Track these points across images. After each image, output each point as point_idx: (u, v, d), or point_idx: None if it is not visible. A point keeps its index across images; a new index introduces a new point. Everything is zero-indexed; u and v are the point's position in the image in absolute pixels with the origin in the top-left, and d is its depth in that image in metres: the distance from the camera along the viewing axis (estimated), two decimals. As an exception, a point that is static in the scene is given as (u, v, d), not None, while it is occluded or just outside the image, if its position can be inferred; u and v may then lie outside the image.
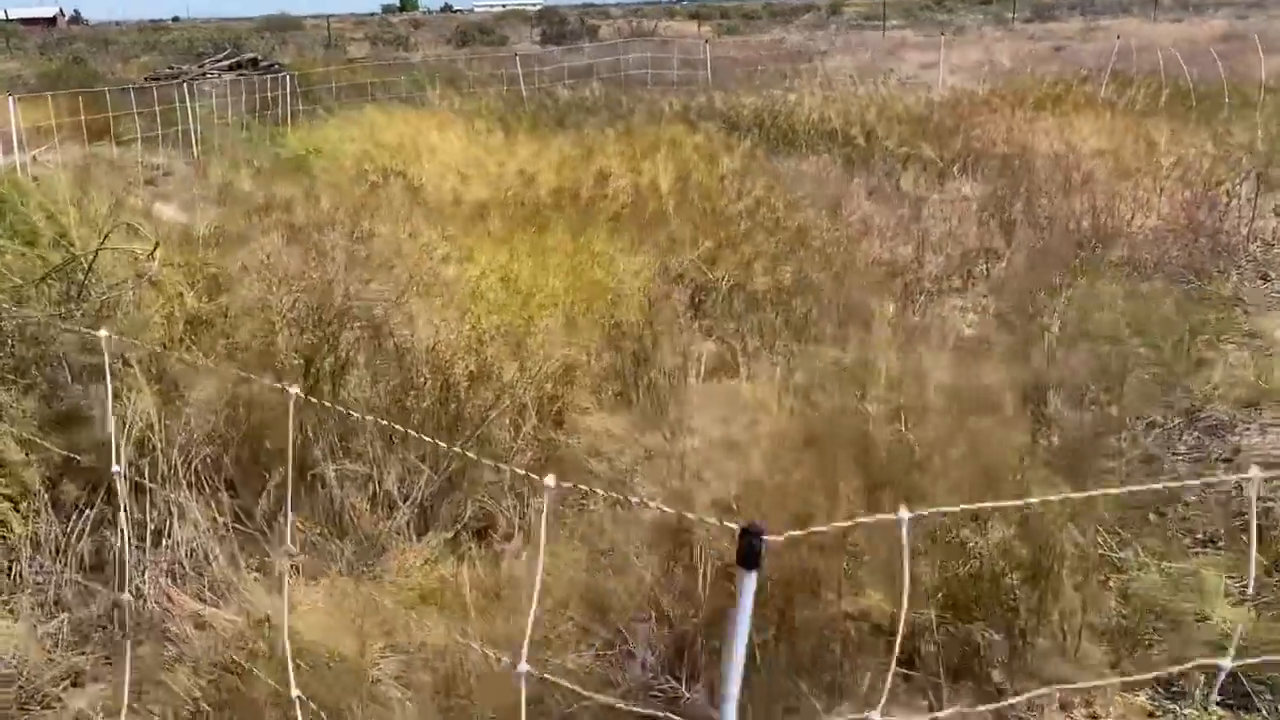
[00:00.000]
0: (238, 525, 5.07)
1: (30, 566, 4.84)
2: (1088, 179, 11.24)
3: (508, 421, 5.29)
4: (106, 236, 5.02)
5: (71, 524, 4.98)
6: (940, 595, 3.87)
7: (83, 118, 11.96)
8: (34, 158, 10.47)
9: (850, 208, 9.85)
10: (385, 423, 4.49)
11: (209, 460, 5.17)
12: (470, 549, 5.07)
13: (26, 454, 5.11)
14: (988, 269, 8.70)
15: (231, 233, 6.26)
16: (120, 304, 5.05)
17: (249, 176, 8.90)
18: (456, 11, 70.95)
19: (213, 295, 5.04)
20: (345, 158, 10.13)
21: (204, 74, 32.27)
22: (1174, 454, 5.99)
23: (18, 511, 5.01)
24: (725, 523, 2.16)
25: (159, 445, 4.90)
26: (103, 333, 3.94)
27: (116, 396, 5.08)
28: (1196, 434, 6.25)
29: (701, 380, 5.92)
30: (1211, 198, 10.63)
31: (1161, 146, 12.08)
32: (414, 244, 5.83)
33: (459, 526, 5.14)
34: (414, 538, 5.05)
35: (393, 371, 4.96)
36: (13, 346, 5.11)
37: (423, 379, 4.96)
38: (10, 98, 10.54)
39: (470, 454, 4.25)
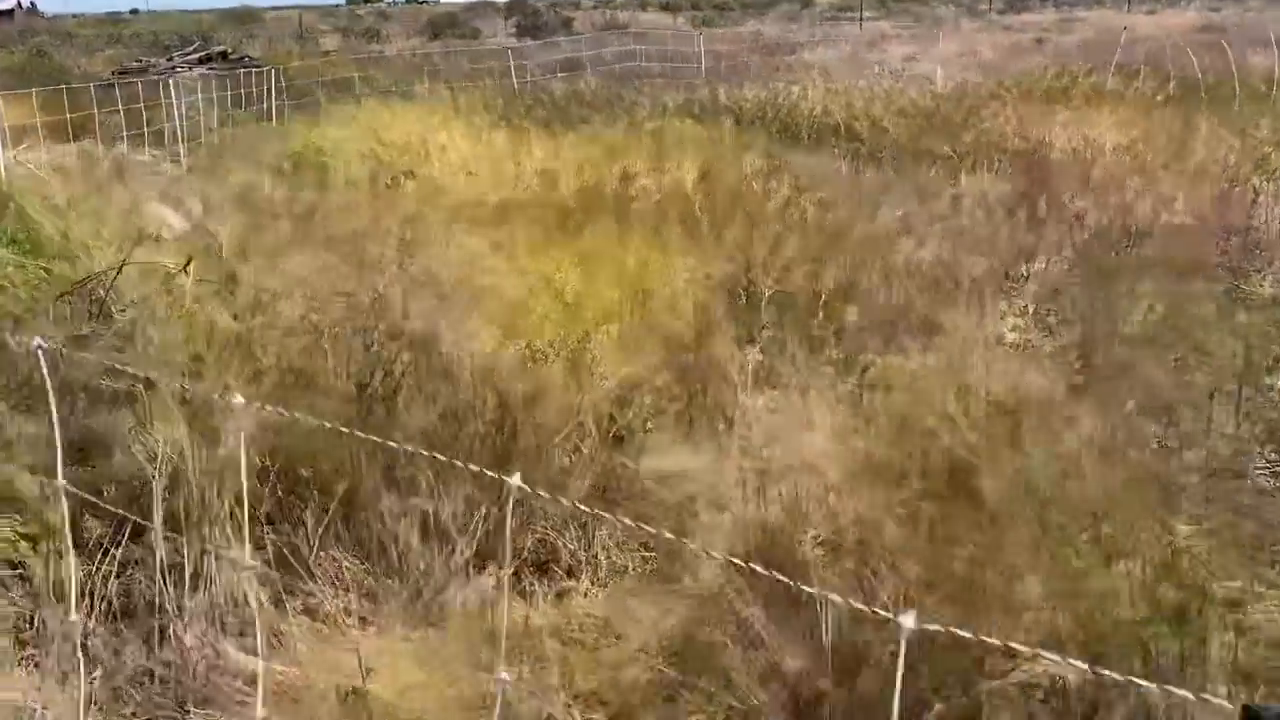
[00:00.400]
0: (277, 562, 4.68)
1: (55, 615, 4.41)
2: (1110, 175, 11.00)
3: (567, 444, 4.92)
4: (131, 249, 4.58)
5: (96, 566, 4.56)
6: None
7: (66, 115, 11.40)
8: (15, 157, 9.93)
9: (874, 205, 9.53)
10: (442, 457, 4.10)
11: (244, 493, 4.77)
12: (532, 585, 4.70)
13: (45, 490, 4.68)
14: (1027, 271, 8.41)
15: (264, 243, 5.81)
16: (145, 322, 4.62)
17: (265, 180, 8.42)
18: (423, 3, 69.98)
19: (251, 313, 4.62)
20: (351, 157, 9.67)
21: (173, 68, 31.54)
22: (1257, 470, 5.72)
23: (37, 553, 4.57)
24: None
25: (193, 478, 4.49)
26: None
27: (142, 425, 4.67)
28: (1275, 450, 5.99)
29: (759, 394, 5.59)
30: (1239, 193, 10.42)
31: (1182, 141, 11.88)
32: (457, 252, 5.44)
33: (518, 561, 4.77)
34: (470, 573, 4.68)
35: (447, 393, 4.57)
36: (28, 373, 4.67)
37: (480, 401, 4.57)
38: (-9, 93, 9.98)
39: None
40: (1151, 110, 13.46)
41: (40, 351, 4.74)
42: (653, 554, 4.71)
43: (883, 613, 3.03)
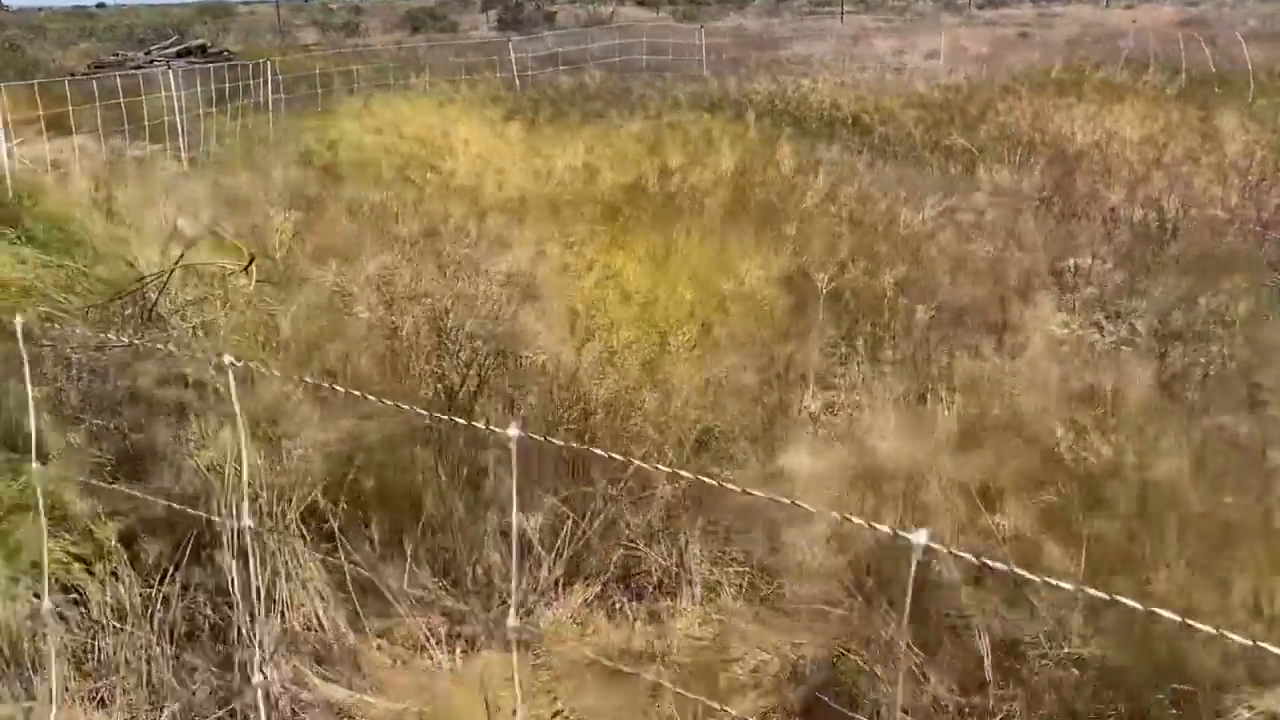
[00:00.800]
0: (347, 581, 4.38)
1: (117, 642, 4.10)
2: (1136, 168, 10.85)
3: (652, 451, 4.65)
4: (185, 250, 4.26)
5: (157, 588, 4.24)
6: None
7: (70, 109, 10.95)
8: (10, 152, 9.50)
9: (907, 200, 9.32)
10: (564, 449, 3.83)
11: (311, 506, 4.47)
12: (621, 604, 4.43)
13: (98, 505, 4.36)
14: (1074, 266, 8.21)
15: (322, 242, 5.48)
16: (203, 326, 4.30)
17: (294, 175, 8.05)
18: (398, -4, 69.30)
19: (322, 315, 4.31)
20: (373, 152, 9.31)
21: (151, 61, 30.92)
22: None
23: (93, 575, 4.25)
24: None
25: (262, 492, 4.18)
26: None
27: (207, 436, 4.35)
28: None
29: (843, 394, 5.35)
30: (1267, 187, 10.30)
31: (1204, 134, 11.75)
32: (521, 249, 5.15)
33: (606, 577, 4.49)
34: (556, 591, 4.40)
35: (534, 399, 4.29)
36: (79, 380, 4.35)
37: (567, 407, 4.29)
38: (-2, 87, 9.53)
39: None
40: (1166, 103, 13.34)
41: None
42: (748, 569, 4.45)
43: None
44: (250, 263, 4.44)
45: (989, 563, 2.13)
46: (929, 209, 8.73)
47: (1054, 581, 2.04)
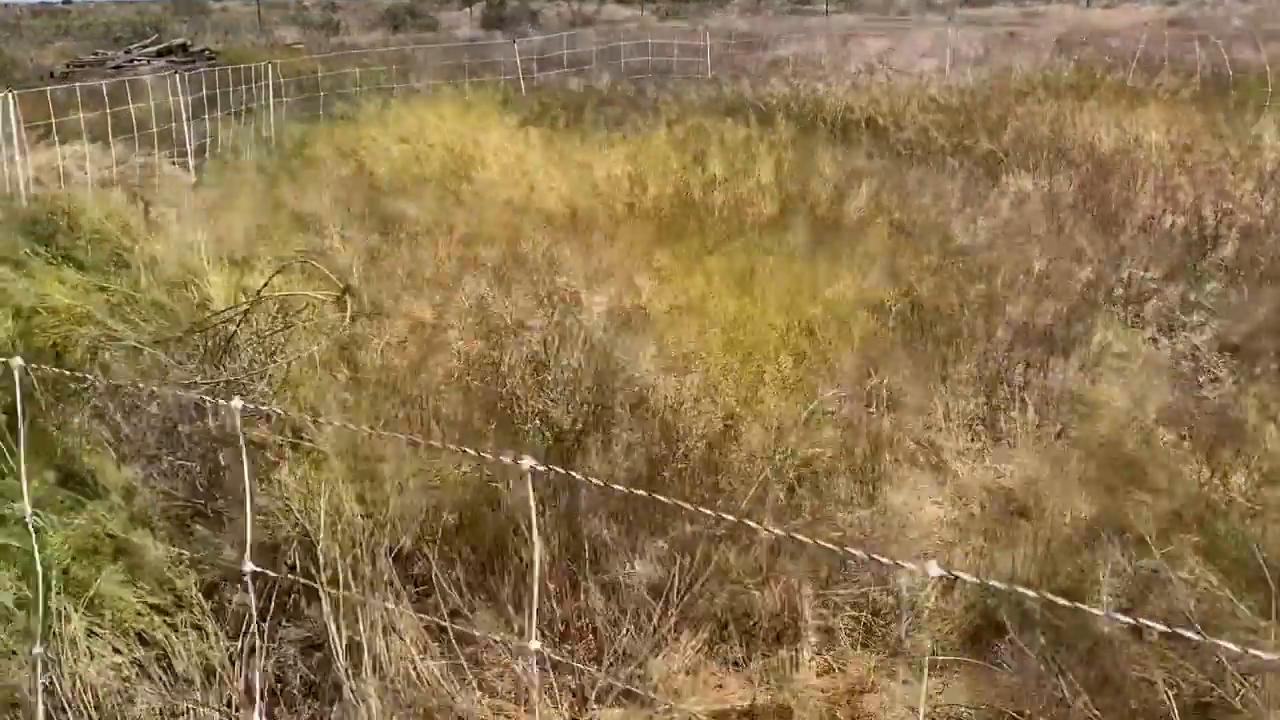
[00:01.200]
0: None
1: (207, 700, 3.83)
2: (1168, 173, 10.73)
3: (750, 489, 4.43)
4: (274, 276, 3.98)
5: (243, 640, 3.98)
6: None
7: (81, 116, 10.58)
8: (32, 169, 9.15)
9: (948, 208, 9.15)
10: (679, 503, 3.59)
11: (401, 549, 4.22)
12: (734, 650, 4.20)
13: (177, 553, 4.08)
14: (1128, 278, 8.06)
15: (400, 269, 5.19)
16: (284, 361, 4.04)
17: (343, 188, 7.72)
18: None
19: (416, 349, 4.05)
20: (404, 161, 9.00)
21: (131, 61, 30.38)
22: None
23: (173, 629, 3.98)
24: None
25: (359, 540, 3.93)
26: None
27: (303, 483, 4.09)
28: None
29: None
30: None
31: (1234, 138, 11.66)
32: (607, 274, 4.91)
33: (715, 623, 4.27)
34: (665, 638, 4.16)
35: (634, 437, 4.06)
36: (155, 421, 4.07)
37: (675, 445, 4.07)
38: (9, 93, 9.11)
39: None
40: (1185, 107, 13.24)
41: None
42: (865, 614, 4.24)
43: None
44: (345, 292, 4.17)
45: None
46: (974, 217, 8.56)
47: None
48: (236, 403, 3.04)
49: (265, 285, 4.04)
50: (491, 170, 8.52)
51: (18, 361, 2.66)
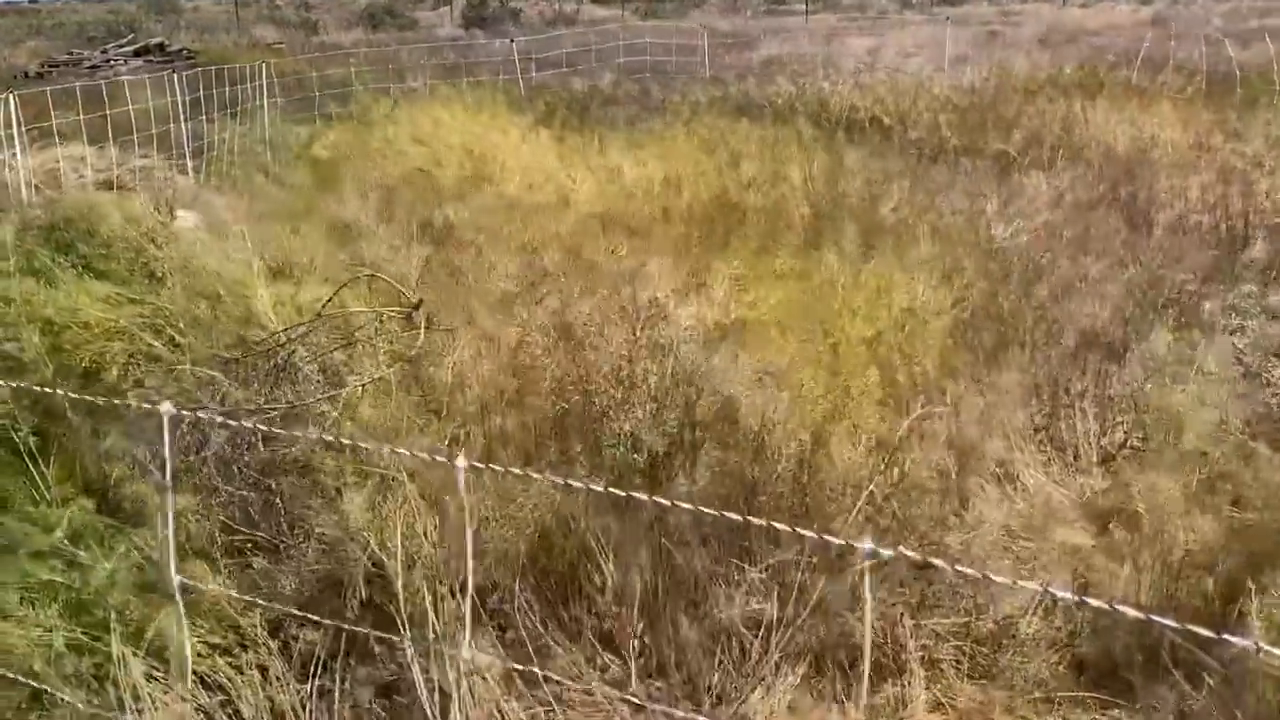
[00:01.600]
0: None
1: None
2: (1189, 173, 10.61)
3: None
4: (339, 290, 3.71)
5: (312, 683, 3.70)
6: None
7: (92, 116, 10.19)
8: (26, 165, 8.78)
9: (976, 208, 8.98)
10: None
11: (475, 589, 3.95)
12: (834, 685, 3.96)
13: (241, 591, 3.80)
14: (1170, 280, 7.90)
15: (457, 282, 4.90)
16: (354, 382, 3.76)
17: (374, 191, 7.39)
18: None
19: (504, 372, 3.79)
20: (424, 164, 8.69)
21: (108, 60, 29.77)
22: None
23: (240, 671, 3.69)
24: None
25: (437, 573, 3.66)
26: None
27: (376, 512, 3.81)
28: None
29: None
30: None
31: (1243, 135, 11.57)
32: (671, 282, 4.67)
33: (811, 655, 4.03)
34: (760, 673, 3.92)
35: (726, 457, 3.82)
36: (207, 444, 3.79)
37: (768, 467, 3.83)
38: (10, 93, 8.72)
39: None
40: (1192, 105, 13.16)
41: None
42: (968, 643, 4.01)
43: None
44: (418, 307, 3.89)
45: None
46: (1008, 220, 8.39)
47: None
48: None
49: (329, 300, 3.76)
50: (516, 173, 8.23)
51: (167, 408, 2.37)
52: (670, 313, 4.37)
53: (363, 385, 3.66)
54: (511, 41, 17.15)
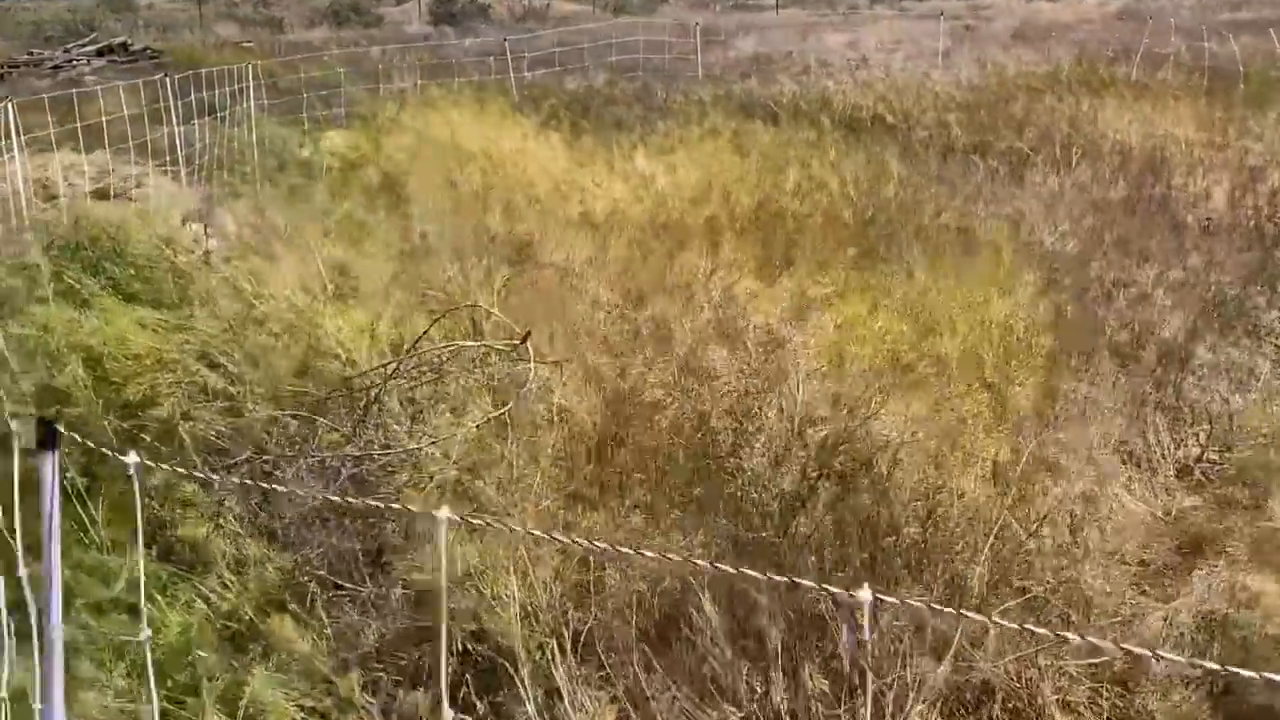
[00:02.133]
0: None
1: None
2: (1207, 171, 10.51)
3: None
4: (435, 322, 3.40)
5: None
6: None
7: (95, 122, 9.71)
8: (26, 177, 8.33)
9: (1013, 210, 8.82)
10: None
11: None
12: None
13: (336, 652, 3.50)
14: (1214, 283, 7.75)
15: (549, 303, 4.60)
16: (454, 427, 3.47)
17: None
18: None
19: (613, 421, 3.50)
20: (446, 172, 8.33)
21: (70, 60, 28.99)
22: None
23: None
24: None
25: (556, 626, 3.38)
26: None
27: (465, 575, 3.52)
28: None
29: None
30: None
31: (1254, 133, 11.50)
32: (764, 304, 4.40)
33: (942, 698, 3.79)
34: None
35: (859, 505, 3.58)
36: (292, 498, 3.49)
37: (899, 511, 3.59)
38: (9, 101, 8.26)
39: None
40: (1199, 102, 13.08)
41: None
42: (1104, 686, 3.79)
43: None
44: (525, 339, 3.60)
45: None
46: (1053, 226, 8.22)
47: None
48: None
49: (424, 334, 3.46)
50: (542, 180, 7.92)
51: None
52: (783, 338, 4.12)
53: (477, 425, 3.37)
54: (504, 40, 16.79)
